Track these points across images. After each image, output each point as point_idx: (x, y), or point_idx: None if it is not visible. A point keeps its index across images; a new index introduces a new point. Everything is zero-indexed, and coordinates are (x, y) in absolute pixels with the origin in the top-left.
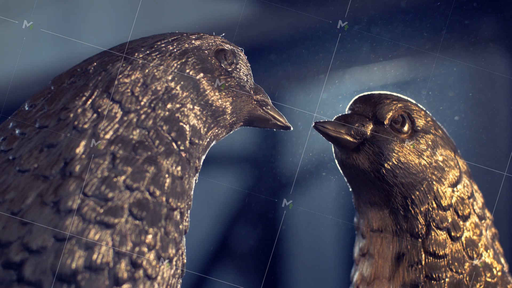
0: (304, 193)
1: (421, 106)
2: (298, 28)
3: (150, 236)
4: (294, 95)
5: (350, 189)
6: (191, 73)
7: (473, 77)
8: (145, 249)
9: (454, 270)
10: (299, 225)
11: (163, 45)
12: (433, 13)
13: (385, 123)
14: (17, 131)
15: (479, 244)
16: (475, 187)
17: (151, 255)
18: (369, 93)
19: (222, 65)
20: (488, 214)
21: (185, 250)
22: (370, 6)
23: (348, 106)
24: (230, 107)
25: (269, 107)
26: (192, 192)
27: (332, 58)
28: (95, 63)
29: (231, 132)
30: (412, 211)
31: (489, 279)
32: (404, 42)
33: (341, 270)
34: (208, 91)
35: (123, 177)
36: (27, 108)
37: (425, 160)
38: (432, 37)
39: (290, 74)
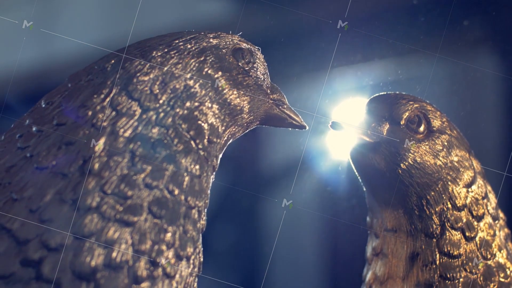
0: (304, 193)
1: (436, 107)
2: (297, 28)
3: (169, 235)
4: (293, 94)
5: (364, 189)
6: (209, 71)
7: (472, 77)
8: (164, 248)
9: (468, 270)
10: (300, 225)
11: (181, 43)
12: (431, 13)
13: (401, 123)
14: (34, 128)
15: (493, 245)
16: (489, 187)
17: (170, 254)
18: (385, 93)
19: (240, 63)
20: (501, 214)
21: (202, 249)
22: (370, 6)
23: (364, 106)
24: (248, 106)
25: (285, 107)
26: (209, 191)
27: (332, 58)
28: (112, 61)
29: (247, 131)
30: (427, 211)
31: (502, 279)
32: (403, 41)
33: (340, 270)
34: (226, 89)
35: (142, 175)
36: (43, 105)
37: (441, 161)
38: (431, 37)
39: (290, 74)
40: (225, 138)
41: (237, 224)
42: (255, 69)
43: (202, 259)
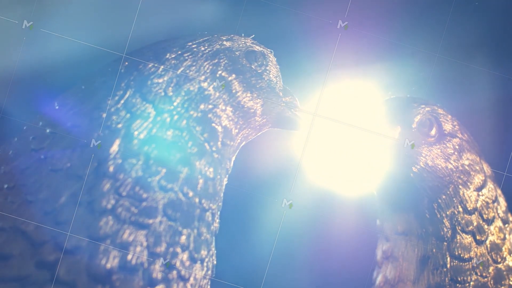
0: (304, 193)
1: (447, 110)
2: (297, 28)
3: (184, 237)
4: (293, 94)
5: (375, 192)
6: (223, 74)
7: (472, 77)
8: (179, 250)
9: (478, 274)
10: (299, 226)
11: (194, 45)
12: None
13: (413, 126)
14: (47, 130)
15: (503, 248)
16: (499, 191)
17: (185, 256)
18: (396, 96)
19: (253, 66)
20: (511, 218)
21: (215, 252)
22: (370, 6)
23: (376, 109)
24: (261, 109)
25: (297, 109)
26: (222, 194)
27: (332, 58)
28: (126, 63)
29: (259, 133)
30: (438, 215)
31: None
32: (403, 41)
33: (340, 272)
34: (240, 92)
35: (157, 178)
36: (57, 107)
37: (452, 164)
38: (431, 37)
39: (290, 74)
40: (238, 140)
41: (237, 224)
42: (268, 71)
43: (215, 262)
